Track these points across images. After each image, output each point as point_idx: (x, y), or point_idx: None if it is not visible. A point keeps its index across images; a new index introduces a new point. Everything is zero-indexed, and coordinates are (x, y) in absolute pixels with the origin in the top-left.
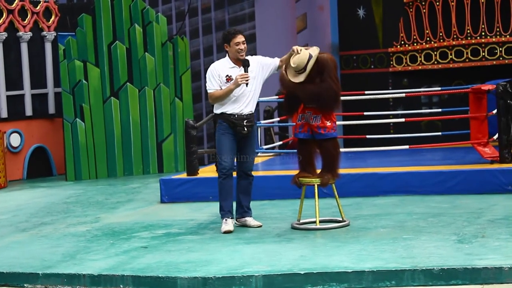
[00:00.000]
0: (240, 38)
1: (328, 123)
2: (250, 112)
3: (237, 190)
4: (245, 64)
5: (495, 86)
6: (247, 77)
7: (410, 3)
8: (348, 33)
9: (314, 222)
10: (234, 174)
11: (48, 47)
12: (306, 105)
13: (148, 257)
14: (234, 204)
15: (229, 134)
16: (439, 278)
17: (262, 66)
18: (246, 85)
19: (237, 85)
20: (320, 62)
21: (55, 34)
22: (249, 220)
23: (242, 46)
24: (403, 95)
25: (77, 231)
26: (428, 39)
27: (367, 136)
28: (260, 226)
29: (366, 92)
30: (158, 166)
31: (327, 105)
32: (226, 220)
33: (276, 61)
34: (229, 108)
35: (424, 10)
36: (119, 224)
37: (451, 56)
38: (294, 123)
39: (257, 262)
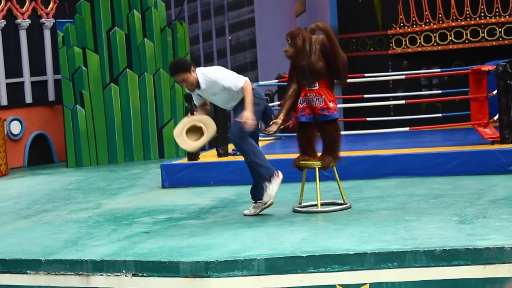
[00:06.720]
0: (176, 78)
1: (331, 104)
2: (231, 108)
3: None
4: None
5: (495, 66)
6: None
7: None
8: (347, 16)
9: (316, 205)
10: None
11: (47, 34)
12: (307, 86)
13: (150, 242)
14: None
15: None
16: (441, 259)
17: (212, 84)
18: None
19: None
20: (321, 44)
21: (54, 21)
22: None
23: (183, 84)
24: (403, 77)
25: (79, 217)
26: (427, 20)
27: (368, 119)
28: (247, 215)
29: (366, 74)
30: (159, 151)
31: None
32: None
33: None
34: None
35: None
36: (121, 210)
37: (450, 38)
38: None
39: (259, 246)
